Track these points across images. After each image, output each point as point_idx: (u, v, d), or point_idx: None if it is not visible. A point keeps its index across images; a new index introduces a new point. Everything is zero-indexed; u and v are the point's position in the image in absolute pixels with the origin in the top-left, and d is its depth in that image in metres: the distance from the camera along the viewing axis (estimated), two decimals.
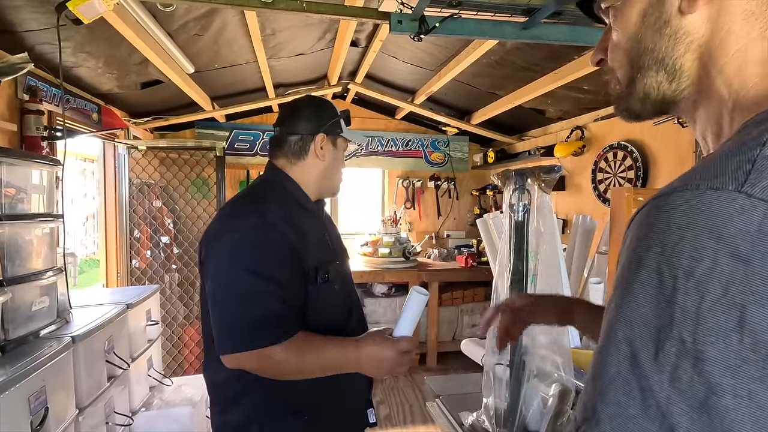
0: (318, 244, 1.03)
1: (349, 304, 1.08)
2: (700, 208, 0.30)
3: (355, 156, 4.02)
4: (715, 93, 0.39)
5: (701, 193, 0.30)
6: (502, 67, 2.54)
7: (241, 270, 0.88)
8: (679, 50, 0.40)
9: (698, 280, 0.29)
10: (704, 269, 0.29)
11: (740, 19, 0.37)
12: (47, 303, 1.44)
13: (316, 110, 1.09)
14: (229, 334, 0.88)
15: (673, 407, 0.29)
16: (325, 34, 2.44)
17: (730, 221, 0.29)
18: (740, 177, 0.30)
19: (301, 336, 0.90)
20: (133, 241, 2.94)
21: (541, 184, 1.01)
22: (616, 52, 0.45)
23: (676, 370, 0.29)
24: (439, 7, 1.08)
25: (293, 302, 0.91)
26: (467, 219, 4.30)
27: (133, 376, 1.82)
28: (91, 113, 2.39)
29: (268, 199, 1.01)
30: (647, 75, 0.42)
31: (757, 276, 0.27)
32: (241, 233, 0.91)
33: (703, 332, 0.28)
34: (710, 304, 0.28)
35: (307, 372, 0.92)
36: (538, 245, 1.04)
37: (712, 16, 0.38)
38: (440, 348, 3.59)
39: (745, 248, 0.28)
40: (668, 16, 0.40)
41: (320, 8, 1.28)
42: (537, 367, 1.04)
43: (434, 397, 1.34)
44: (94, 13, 1.40)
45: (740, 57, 0.37)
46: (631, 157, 2.58)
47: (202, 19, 1.92)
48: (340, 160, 1.12)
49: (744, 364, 0.27)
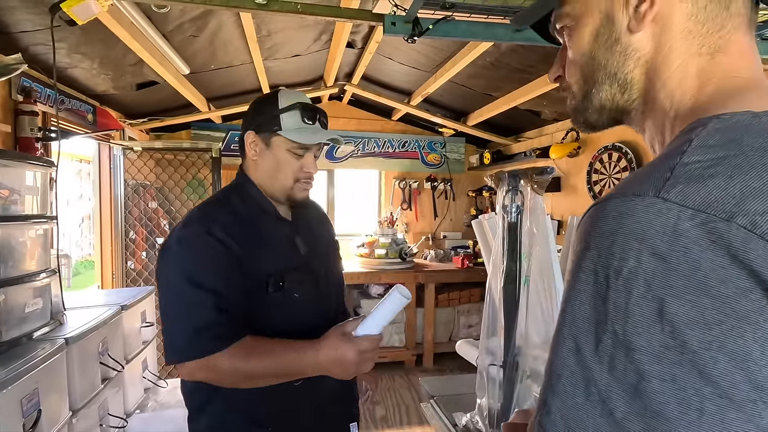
0: (277, 250, 0.98)
1: (319, 311, 1.01)
2: (626, 213, 0.33)
3: (351, 157, 4.03)
4: (659, 104, 0.43)
5: (627, 200, 0.34)
6: (498, 68, 2.55)
7: (180, 280, 0.88)
8: (629, 65, 0.44)
9: (626, 278, 0.32)
10: (630, 268, 0.32)
11: (680, 37, 0.41)
12: (41, 305, 1.43)
13: (254, 107, 1.02)
14: (170, 345, 0.89)
15: (612, 393, 0.31)
16: (320, 35, 2.44)
17: (649, 224, 0.32)
18: (659, 184, 0.33)
19: (250, 341, 0.88)
20: (129, 243, 2.93)
21: (534, 185, 1.02)
22: (572, 68, 0.48)
23: (613, 360, 0.32)
24: (432, 9, 1.08)
25: (234, 311, 0.89)
26: (464, 220, 4.30)
27: (127, 378, 1.82)
28: (86, 114, 2.38)
29: (222, 205, 0.98)
30: (602, 89, 0.46)
31: (673, 271, 0.30)
32: (183, 243, 0.91)
33: (632, 324, 0.31)
34: (636, 299, 0.31)
35: (261, 378, 0.88)
36: (531, 246, 1.05)
37: (656, 34, 0.42)
38: (436, 349, 3.59)
39: (663, 247, 0.31)
40: (618, 35, 0.43)
41: (315, 10, 1.29)
42: (530, 368, 1.05)
43: (429, 398, 1.34)
44: (88, 14, 1.40)
45: (681, 71, 0.41)
46: (625, 159, 2.59)
47: (198, 21, 1.92)
48: (282, 160, 0.98)
49: (666, 351, 0.30)
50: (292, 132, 0.96)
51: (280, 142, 0.97)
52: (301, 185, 1.00)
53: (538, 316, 1.07)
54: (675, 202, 0.32)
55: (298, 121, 0.96)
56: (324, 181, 4.13)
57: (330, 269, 1.10)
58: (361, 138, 4.04)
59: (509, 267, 1.05)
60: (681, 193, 0.32)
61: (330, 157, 4.00)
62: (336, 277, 1.15)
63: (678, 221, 0.31)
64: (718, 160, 0.33)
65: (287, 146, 0.97)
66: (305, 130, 0.97)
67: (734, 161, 0.32)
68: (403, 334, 3.58)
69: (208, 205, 1.00)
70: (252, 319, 0.93)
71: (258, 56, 2.37)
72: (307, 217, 1.12)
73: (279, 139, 0.97)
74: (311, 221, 1.13)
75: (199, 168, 3.10)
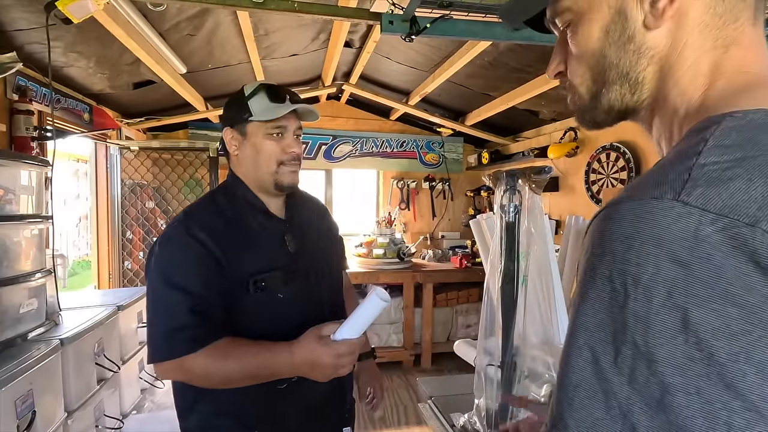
0: (262, 250, 0.96)
1: (309, 308, 0.99)
2: (644, 217, 0.32)
3: (350, 157, 4.02)
4: (670, 103, 0.41)
5: (644, 203, 0.32)
6: (496, 68, 2.55)
7: (159, 281, 0.89)
8: (642, 64, 0.41)
9: (645, 286, 0.30)
10: (649, 275, 0.30)
11: (697, 32, 0.39)
12: (35, 305, 1.42)
13: (225, 106, 1.01)
14: (150, 345, 0.90)
15: (633, 407, 0.30)
16: (318, 34, 2.43)
17: (668, 229, 0.30)
18: (677, 186, 0.31)
19: (225, 343, 0.88)
20: (126, 243, 2.92)
21: (532, 184, 1.01)
22: (578, 67, 0.45)
23: (634, 372, 0.30)
24: (429, 8, 1.08)
25: (211, 312, 0.89)
26: (462, 220, 4.30)
27: (123, 379, 1.81)
28: (82, 113, 2.37)
29: (207, 206, 0.98)
30: (612, 89, 0.43)
31: (696, 279, 0.29)
32: (164, 245, 0.92)
33: (653, 335, 0.30)
34: (657, 308, 0.30)
35: (235, 380, 0.88)
36: (528, 246, 1.04)
37: (671, 30, 0.39)
38: (435, 349, 3.59)
39: (683, 254, 0.30)
40: (632, 32, 0.40)
41: (312, 9, 1.28)
42: (528, 368, 1.04)
43: (427, 398, 1.33)
44: (84, 12, 1.39)
45: (694, 68, 0.39)
46: (623, 158, 2.59)
47: (195, 19, 1.91)
48: (261, 145, 0.96)
49: (691, 363, 0.29)
50: (262, 113, 0.95)
51: (254, 128, 0.96)
52: (286, 168, 0.98)
53: (536, 317, 1.06)
54: (696, 206, 0.30)
55: (266, 103, 0.95)
56: (322, 180, 4.13)
57: (324, 265, 1.07)
58: (359, 138, 4.03)
59: (507, 267, 1.04)
60: (702, 197, 0.30)
61: (328, 157, 3.99)
62: (332, 273, 1.12)
63: (699, 226, 0.30)
64: (736, 161, 0.31)
65: (263, 130, 0.96)
66: (275, 108, 0.95)
67: (754, 162, 0.31)
68: (401, 334, 3.58)
69: (193, 206, 1.00)
70: (235, 320, 0.92)
71: (255, 55, 2.36)
72: (304, 212, 1.10)
73: (252, 125, 0.96)
74: (310, 217, 1.11)
75: (197, 168, 3.09)
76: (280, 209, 1.05)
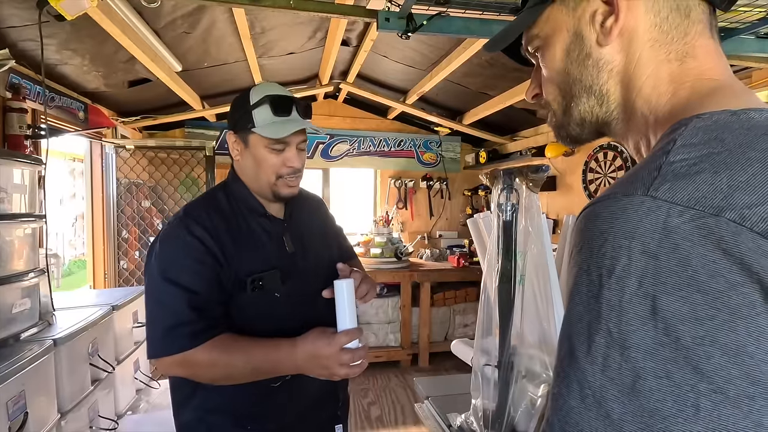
0: (260, 250, 0.97)
1: (307, 307, 0.99)
2: (617, 213, 0.34)
3: (347, 156, 4.01)
4: (638, 111, 0.45)
5: (617, 200, 0.34)
6: (493, 67, 2.54)
7: (158, 278, 0.89)
8: (603, 77, 0.45)
9: (618, 276, 0.32)
10: (622, 266, 0.32)
11: (648, 47, 0.43)
12: (29, 305, 1.41)
13: (231, 106, 1.00)
14: (149, 341, 0.90)
15: (606, 394, 0.31)
16: (315, 33, 2.42)
17: (640, 222, 0.32)
18: (647, 182, 0.34)
19: (226, 338, 0.89)
20: (121, 242, 2.90)
21: (529, 183, 1.01)
22: (549, 86, 0.50)
23: (606, 360, 0.31)
24: (426, 5, 1.07)
25: (211, 309, 0.89)
26: (459, 219, 4.30)
27: (118, 379, 1.79)
28: (77, 112, 2.35)
29: (207, 204, 0.97)
30: (579, 102, 0.47)
31: (664, 268, 0.31)
32: (163, 242, 0.92)
33: (626, 322, 0.31)
34: (629, 296, 0.31)
35: (239, 375, 0.89)
36: (526, 245, 1.03)
37: (624, 46, 0.44)
38: (432, 348, 3.58)
39: (653, 245, 0.31)
40: (589, 49, 0.45)
41: (308, 6, 1.27)
42: (525, 368, 1.04)
43: (423, 398, 1.33)
44: (77, 9, 1.37)
45: (653, 77, 0.43)
46: (620, 158, 2.59)
47: (190, 17, 1.89)
48: (261, 158, 0.95)
49: (660, 348, 0.30)
50: (264, 128, 0.93)
51: (256, 140, 0.95)
52: (284, 181, 0.97)
53: (534, 316, 1.05)
54: (664, 200, 0.32)
55: (269, 116, 0.93)
56: (319, 180, 4.12)
57: (324, 263, 1.07)
58: (357, 137, 4.02)
59: (504, 266, 1.04)
60: (669, 191, 0.32)
61: (325, 155, 3.98)
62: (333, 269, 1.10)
63: (667, 218, 0.31)
64: (702, 157, 0.33)
65: (263, 143, 0.94)
66: (278, 123, 0.93)
67: (718, 158, 0.33)
68: (399, 333, 3.57)
69: (193, 203, 1.00)
70: (233, 319, 0.93)
71: (252, 54, 2.34)
72: (303, 211, 1.10)
73: (254, 137, 0.95)
74: (309, 215, 1.11)
75: (193, 167, 3.07)
76: (279, 210, 1.05)
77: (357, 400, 2.95)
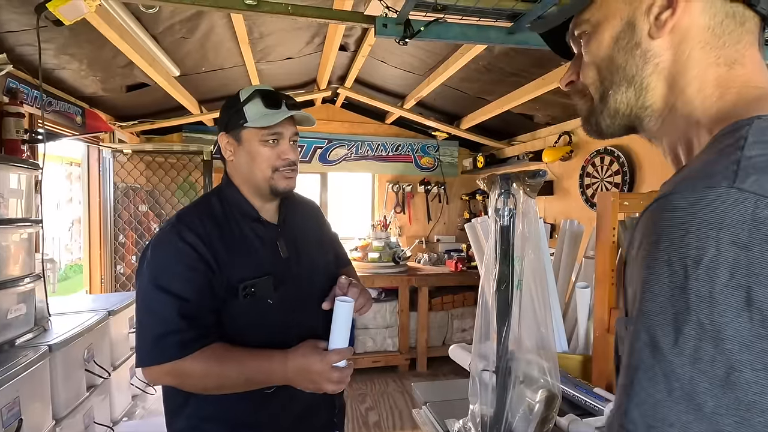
0: (253, 256, 0.96)
1: (301, 312, 0.99)
2: (699, 204, 0.33)
3: (345, 160, 4.02)
4: (678, 111, 0.45)
5: (698, 192, 0.34)
6: (491, 72, 2.56)
7: (149, 285, 0.89)
8: (648, 69, 0.45)
9: (707, 267, 0.31)
10: (710, 257, 0.31)
11: (698, 48, 0.43)
12: (24, 310, 1.40)
13: (221, 110, 1.01)
14: (138, 349, 0.90)
15: (697, 387, 0.30)
16: (313, 38, 2.43)
17: (727, 213, 0.32)
18: (730, 175, 0.33)
19: (217, 347, 0.89)
20: (118, 247, 2.89)
21: (527, 188, 1.01)
22: (589, 70, 0.49)
23: (698, 352, 0.31)
24: (424, 11, 1.07)
25: (201, 317, 0.89)
26: (457, 223, 4.30)
27: (114, 385, 1.78)
28: (74, 116, 2.35)
29: (199, 210, 0.97)
30: (618, 91, 0.47)
31: (757, 259, 0.31)
32: (155, 249, 0.91)
33: (719, 313, 0.31)
34: (721, 287, 0.31)
35: (232, 383, 0.88)
36: (523, 250, 1.03)
37: (675, 43, 0.44)
38: (430, 353, 3.57)
39: (743, 236, 0.31)
40: (639, 39, 0.45)
41: (306, 11, 1.27)
42: (523, 373, 1.03)
43: (422, 403, 1.32)
44: (75, 14, 1.38)
45: (699, 80, 0.43)
46: (617, 162, 2.60)
47: (188, 22, 1.90)
48: (256, 152, 0.96)
49: (758, 340, 0.30)
50: (257, 120, 0.94)
51: (250, 134, 0.96)
52: (281, 174, 0.97)
53: (532, 321, 1.05)
54: (751, 192, 0.32)
55: (261, 109, 0.95)
56: (317, 184, 4.12)
57: (318, 270, 1.06)
58: (355, 141, 4.03)
59: (502, 271, 1.04)
60: (756, 183, 0.32)
61: (323, 160, 3.98)
62: (327, 277, 1.10)
63: (756, 209, 0.31)
64: None
65: (258, 137, 0.95)
66: (269, 115, 0.95)
67: None
68: (397, 338, 3.56)
69: (186, 210, 0.99)
70: (226, 326, 0.92)
71: (250, 58, 2.35)
72: (298, 216, 1.09)
73: (247, 131, 0.96)
74: (304, 221, 1.10)
75: (191, 171, 3.07)
76: (273, 214, 1.04)
77: (355, 406, 2.94)
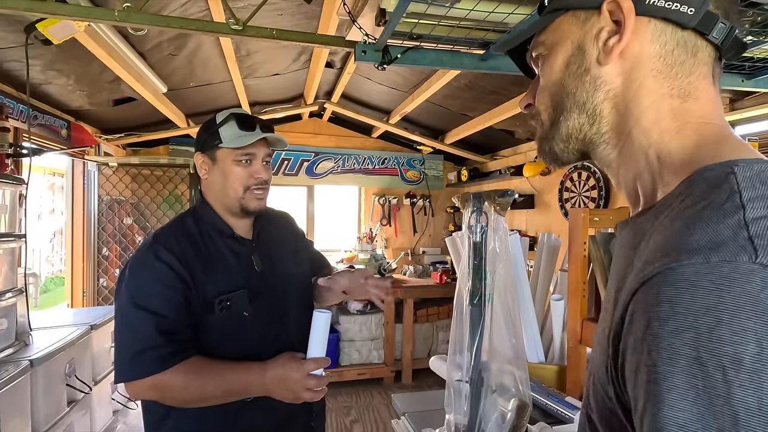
0: (228, 271, 0.99)
1: (273, 329, 1.02)
2: (723, 284, 0.28)
3: (332, 173, 4.06)
4: (635, 142, 0.43)
5: (716, 267, 0.29)
6: (472, 90, 2.64)
7: (126, 303, 0.92)
8: (599, 96, 0.44)
9: (751, 369, 0.26)
10: (752, 354, 0.27)
11: (651, 77, 0.42)
12: (5, 325, 1.40)
13: (198, 132, 1.06)
14: (117, 366, 0.93)
15: None
16: (300, 56, 2.49)
17: (759, 296, 0.27)
18: (746, 246, 0.29)
19: (196, 361, 0.92)
20: (102, 260, 2.87)
21: (497, 206, 1.07)
22: (542, 95, 0.48)
23: None
24: (401, 39, 1.14)
25: (179, 333, 0.92)
26: (442, 235, 4.36)
27: (95, 400, 1.77)
28: (60, 129, 2.36)
29: (175, 229, 1.00)
30: (570, 117, 0.45)
31: None
32: (134, 267, 0.95)
33: None
34: None
35: (210, 397, 0.91)
36: (495, 264, 1.09)
37: (625, 70, 0.42)
38: (415, 365, 3.59)
39: None
40: (588, 65, 0.44)
41: (290, 36, 1.33)
42: (496, 383, 1.08)
43: (401, 414, 1.35)
44: (64, 34, 1.41)
45: (654, 110, 0.42)
46: (594, 178, 2.70)
47: (176, 41, 1.94)
48: (229, 171, 1.00)
49: None
50: (231, 141, 0.99)
51: (224, 154, 1.00)
52: (252, 194, 1.01)
53: (503, 332, 1.10)
54: None
55: (236, 131, 1.00)
56: (304, 196, 4.15)
57: (293, 280, 1.11)
58: (341, 155, 4.08)
59: (474, 284, 1.09)
60: None
61: (310, 173, 4.02)
62: (303, 286, 1.15)
63: None
64: None
65: (231, 156, 1.00)
66: (243, 136, 0.99)
67: None
68: (382, 350, 3.58)
69: (163, 230, 1.03)
70: (203, 341, 0.95)
71: (237, 74, 2.40)
72: (272, 230, 1.13)
73: (222, 151, 1.00)
74: (278, 234, 1.14)
75: (176, 184, 3.08)
76: (247, 230, 1.08)
77: (339, 419, 2.94)
